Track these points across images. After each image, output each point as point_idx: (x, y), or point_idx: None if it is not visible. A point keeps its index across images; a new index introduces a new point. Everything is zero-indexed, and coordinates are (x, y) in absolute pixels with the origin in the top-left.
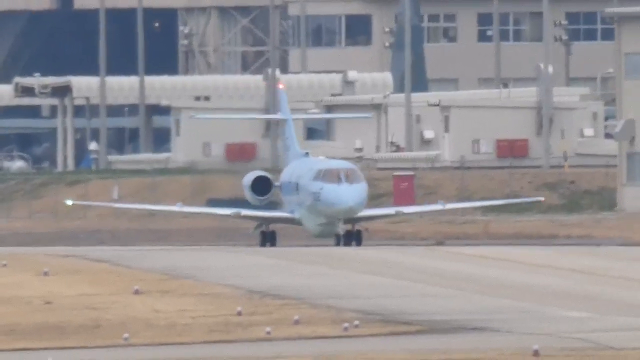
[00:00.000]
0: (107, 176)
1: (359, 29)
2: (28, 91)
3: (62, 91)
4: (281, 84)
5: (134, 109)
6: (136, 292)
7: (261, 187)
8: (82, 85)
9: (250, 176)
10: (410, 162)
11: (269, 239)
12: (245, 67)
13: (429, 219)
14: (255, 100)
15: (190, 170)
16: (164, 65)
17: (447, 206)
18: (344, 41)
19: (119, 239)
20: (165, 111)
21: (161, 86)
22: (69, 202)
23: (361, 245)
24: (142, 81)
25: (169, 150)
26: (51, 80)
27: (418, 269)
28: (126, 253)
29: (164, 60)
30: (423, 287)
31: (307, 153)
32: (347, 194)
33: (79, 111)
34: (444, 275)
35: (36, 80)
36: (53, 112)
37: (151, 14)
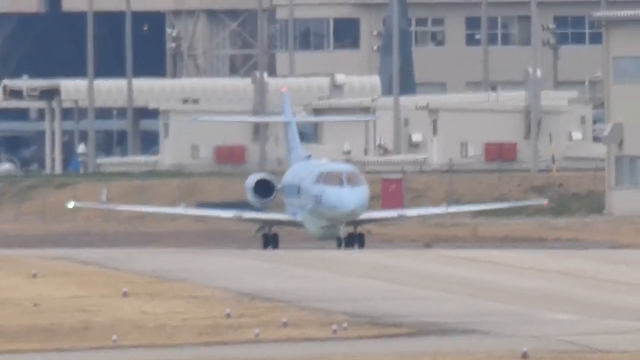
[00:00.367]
0: (96, 179)
1: (347, 33)
2: (16, 94)
3: (51, 94)
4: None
5: (122, 112)
6: (125, 295)
7: (264, 190)
8: (71, 88)
9: (253, 178)
10: (398, 165)
11: (271, 241)
12: (234, 71)
13: (417, 221)
14: (244, 103)
15: (178, 173)
16: (153, 68)
17: (450, 209)
18: (332, 45)
19: (107, 241)
20: (154, 114)
21: (149, 89)
22: (71, 205)
23: (364, 248)
24: (130, 84)
25: (157, 153)
26: (39, 83)
27: (407, 271)
28: (115, 255)
29: (153, 63)
30: (412, 290)
31: (309, 156)
32: (349, 197)
33: (67, 114)
34: (433, 278)
35: (24, 83)
36: (41, 115)
37: (139, 17)
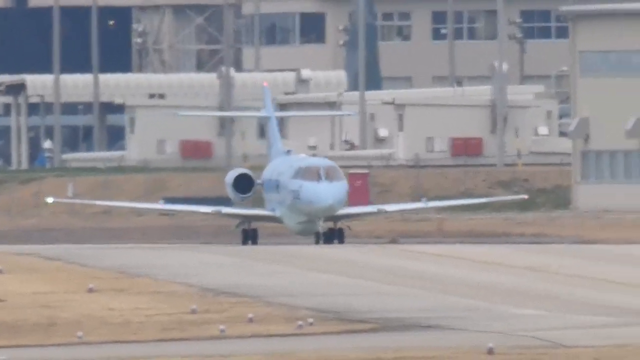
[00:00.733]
0: (62, 174)
1: (313, 28)
2: None
3: (17, 89)
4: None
5: (88, 107)
6: (90, 290)
7: (243, 185)
8: (37, 83)
9: (233, 174)
10: (364, 160)
11: (250, 237)
12: (200, 65)
13: (382, 216)
14: (210, 98)
15: (144, 168)
16: (119, 63)
17: (430, 204)
18: (298, 39)
19: (73, 237)
20: (120, 109)
21: (116, 84)
22: (50, 200)
23: (344, 243)
24: (96, 79)
25: (122, 148)
26: (5, 78)
27: (373, 267)
28: (81, 251)
29: (119, 58)
30: (378, 285)
31: (289, 151)
32: (327, 192)
33: (33, 109)
34: (399, 274)
35: None
36: (7, 110)
37: (106, 12)
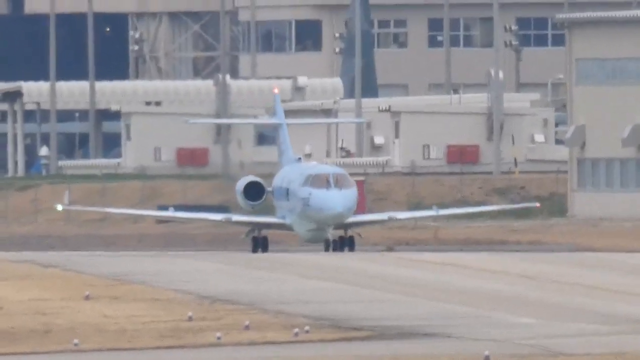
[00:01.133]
0: (58, 181)
1: (309, 35)
2: None
3: (13, 96)
4: (276, 88)
5: (84, 114)
6: (87, 298)
7: (254, 193)
8: (33, 90)
9: (243, 181)
10: (360, 168)
11: (260, 244)
12: (196, 73)
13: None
14: (206, 105)
15: (140, 175)
16: (115, 70)
17: (441, 212)
18: (294, 47)
19: (69, 243)
20: (116, 116)
21: (112, 91)
22: (60, 208)
23: (354, 251)
24: (92, 86)
25: (119, 155)
26: (1, 85)
27: (369, 274)
28: (77, 258)
29: (115, 65)
30: (374, 293)
31: (299, 158)
32: (336, 200)
33: (29, 116)
34: (395, 281)
35: None
36: (3, 117)
37: (102, 19)
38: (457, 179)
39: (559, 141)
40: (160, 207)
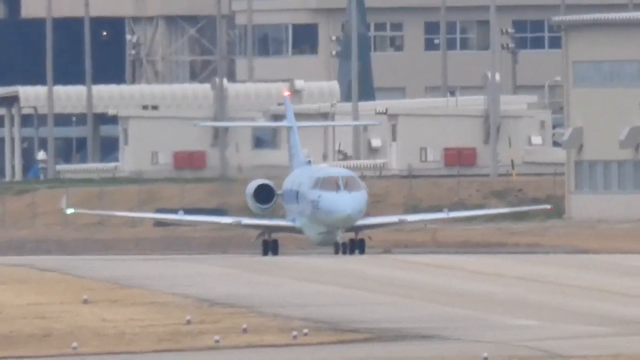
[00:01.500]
0: (55, 185)
1: (305, 38)
2: None
3: (10, 101)
4: (287, 91)
5: (81, 118)
6: (85, 302)
7: (264, 196)
8: (30, 94)
9: (253, 184)
10: (358, 171)
11: (270, 248)
12: (193, 76)
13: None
14: (204, 109)
15: (138, 179)
16: (112, 74)
17: (451, 214)
18: (291, 50)
19: (67, 248)
20: (113, 120)
21: (109, 95)
22: (69, 211)
23: (364, 254)
24: (89, 90)
25: (116, 160)
26: None
27: (367, 277)
28: (75, 262)
29: (112, 69)
30: (372, 296)
31: (309, 161)
32: (345, 202)
33: (26, 120)
34: (393, 284)
35: None
36: (0, 122)
37: (98, 23)
38: (454, 182)
39: (556, 143)
40: (158, 211)
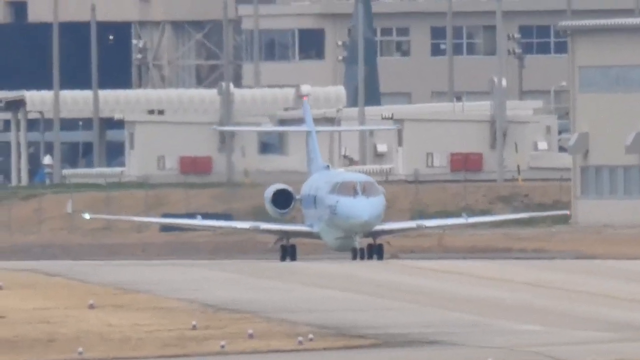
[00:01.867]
0: (61, 190)
1: (312, 43)
2: None
3: (16, 105)
4: (305, 96)
5: (88, 123)
6: (91, 306)
7: (282, 200)
8: (36, 99)
9: (271, 189)
10: None
11: (289, 253)
12: (200, 81)
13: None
14: (210, 114)
15: (144, 184)
16: (118, 79)
17: (470, 220)
18: (297, 55)
19: (72, 253)
20: (119, 125)
21: (115, 100)
22: (86, 216)
23: (383, 259)
24: (95, 95)
25: (122, 164)
26: (4, 94)
27: (373, 282)
28: (81, 267)
29: (118, 74)
30: (378, 301)
31: (328, 165)
32: (363, 208)
33: (32, 125)
34: (399, 289)
35: None
36: (6, 126)
37: (105, 28)
38: (460, 187)
39: (562, 149)
40: (165, 216)
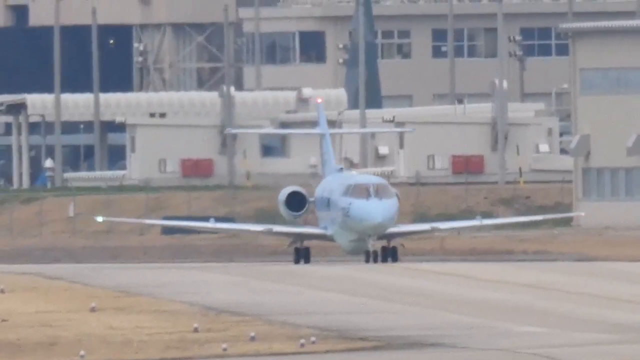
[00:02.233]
0: (63, 193)
1: (313, 46)
2: None
3: (17, 108)
4: (319, 98)
5: (89, 126)
6: (92, 309)
7: (296, 203)
8: (37, 102)
9: (285, 192)
10: None
11: (302, 255)
12: (201, 84)
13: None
14: (211, 117)
15: (145, 187)
16: (119, 82)
17: (484, 222)
18: (298, 58)
19: (74, 256)
20: (121, 128)
21: (116, 103)
22: (100, 219)
23: (397, 262)
24: (97, 98)
25: (123, 167)
26: (6, 98)
27: (374, 285)
28: (82, 270)
29: (119, 77)
30: (380, 303)
31: (341, 168)
32: (376, 210)
33: (34, 128)
34: (401, 291)
35: None
36: (8, 130)
37: (106, 31)
38: (462, 189)
39: (563, 151)
40: (166, 219)
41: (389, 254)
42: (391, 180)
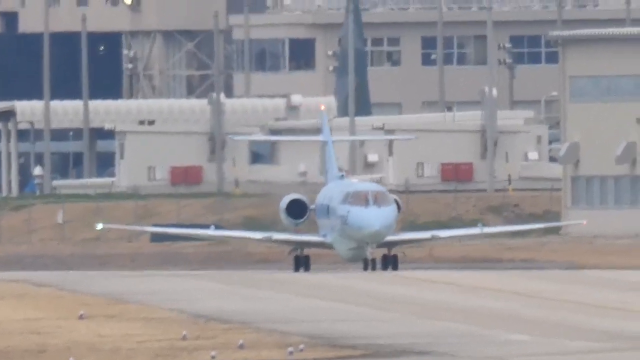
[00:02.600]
0: (52, 201)
1: (302, 53)
2: None
3: (6, 115)
4: (322, 105)
5: (78, 133)
6: (81, 317)
7: (296, 211)
8: (26, 109)
9: (287, 199)
10: None
11: (302, 263)
12: (191, 91)
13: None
14: (201, 124)
15: (134, 194)
16: (109, 89)
17: (485, 230)
18: (288, 65)
19: (63, 263)
20: (110, 135)
21: (106, 110)
22: (99, 226)
23: (398, 270)
24: (86, 105)
25: (112, 175)
26: None
27: (363, 292)
28: (71, 277)
29: (109, 84)
30: (368, 311)
31: (342, 175)
32: (374, 217)
33: (22, 135)
34: (389, 299)
35: None
36: None
37: (96, 38)
38: (451, 197)
39: (552, 159)
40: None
41: (390, 262)
42: None
